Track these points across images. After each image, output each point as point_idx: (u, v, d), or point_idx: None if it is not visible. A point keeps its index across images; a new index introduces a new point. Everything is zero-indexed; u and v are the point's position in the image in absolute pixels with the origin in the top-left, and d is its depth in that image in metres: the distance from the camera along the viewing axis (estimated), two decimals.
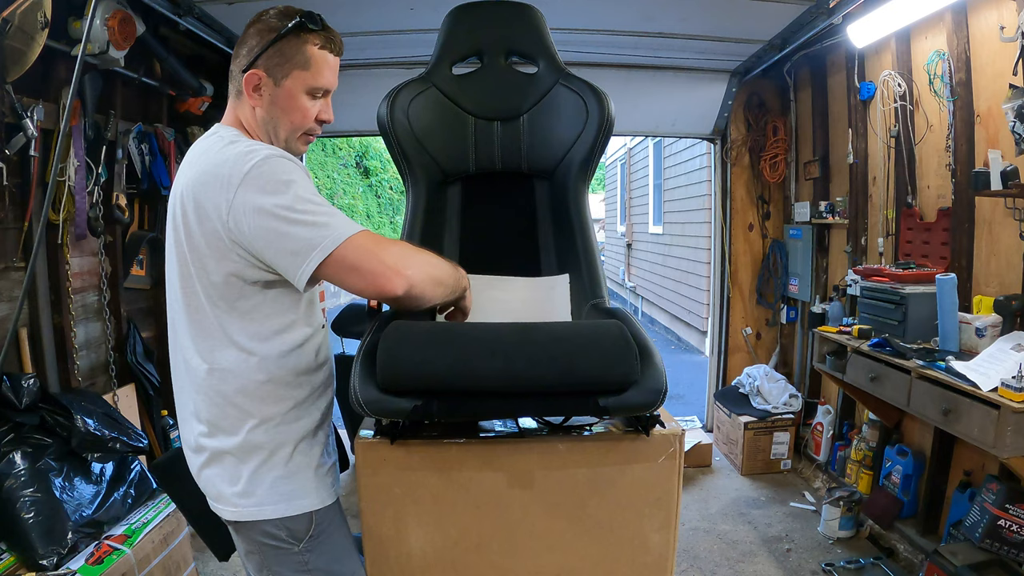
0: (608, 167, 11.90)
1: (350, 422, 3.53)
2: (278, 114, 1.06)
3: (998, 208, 2.24)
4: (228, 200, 0.93)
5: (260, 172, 0.94)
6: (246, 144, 0.99)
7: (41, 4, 1.89)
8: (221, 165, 0.95)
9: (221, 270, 0.98)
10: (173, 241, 1.04)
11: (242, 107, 1.07)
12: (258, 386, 1.03)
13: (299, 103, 1.05)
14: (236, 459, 1.03)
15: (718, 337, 4.07)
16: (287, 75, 1.03)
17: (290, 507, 1.05)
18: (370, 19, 2.83)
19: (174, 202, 1.03)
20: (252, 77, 1.03)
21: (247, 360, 1.02)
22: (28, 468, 1.85)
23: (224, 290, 0.99)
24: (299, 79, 1.04)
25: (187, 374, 1.05)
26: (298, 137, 1.09)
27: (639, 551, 1.10)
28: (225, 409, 1.03)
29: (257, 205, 0.92)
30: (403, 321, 1.03)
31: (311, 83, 1.05)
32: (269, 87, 1.04)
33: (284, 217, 0.92)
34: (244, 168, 0.94)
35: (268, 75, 1.03)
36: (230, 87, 1.09)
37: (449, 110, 1.50)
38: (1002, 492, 1.97)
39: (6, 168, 2.02)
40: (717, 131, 3.86)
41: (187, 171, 1.01)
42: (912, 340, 2.30)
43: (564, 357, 0.97)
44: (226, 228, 0.94)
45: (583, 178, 1.51)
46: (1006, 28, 2.10)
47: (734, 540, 2.75)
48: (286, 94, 1.04)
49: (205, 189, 0.96)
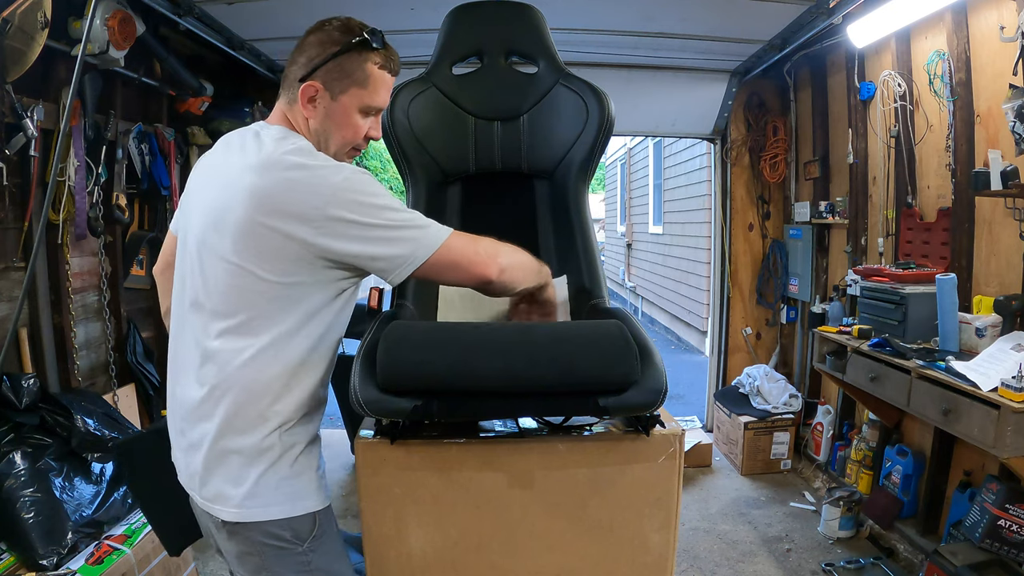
0: (608, 167, 11.90)
1: (350, 422, 3.53)
2: (331, 128, 1.05)
3: (998, 208, 2.24)
4: (322, 214, 0.93)
5: (351, 187, 0.95)
6: (326, 159, 0.99)
7: (41, 4, 1.89)
8: (312, 179, 0.95)
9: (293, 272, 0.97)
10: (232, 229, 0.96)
11: (294, 114, 1.06)
12: (291, 387, 1.02)
13: (352, 120, 1.06)
14: (245, 460, 1.01)
15: (718, 337, 4.07)
16: (345, 91, 1.03)
17: (296, 507, 1.03)
18: (370, 19, 2.76)
19: (231, 197, 0.96)
20: (309, 88, 1.02)
21: (295, 364, 1.01)
22: (28, 468, 1.85)
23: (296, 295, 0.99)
24: (356, 96, 1.04)
25: (206, 363, 1.00)
26: (346, 152, 1.09)
27: (639, 551, 1.09)
28: (247, 407, 1.00)
29: (352, 220, 0.94)
30: (403, 321, 1.04)
31: (367, 101, 1.05)
32: (325, 100, 1.03)
33: (381, 226, 0.95)
34: (335, 182, 0.94)
35: (326, 88, 1.03)
36: (282, 92, 1.08)
37: (449, 110, 1.50)
38: (1002, 492, 1.97)
39: (6, 168, 2.03)
40: (717, 131, 3.86)
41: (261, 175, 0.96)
42: (912, 340, 2.30)
43: (564, 357, 0.97)
44: (316, 240, 0.94)
45: (583, 178, 1.51)
46: (1006, 28, 2.10)
47: (734, 540, 2.75)
48: (342, 109, 1.04)
49: (290, 196, 0.94)
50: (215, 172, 1.05)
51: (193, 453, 1.04)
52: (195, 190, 1.09)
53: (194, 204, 1.06)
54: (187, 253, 1.05)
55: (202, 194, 1.05)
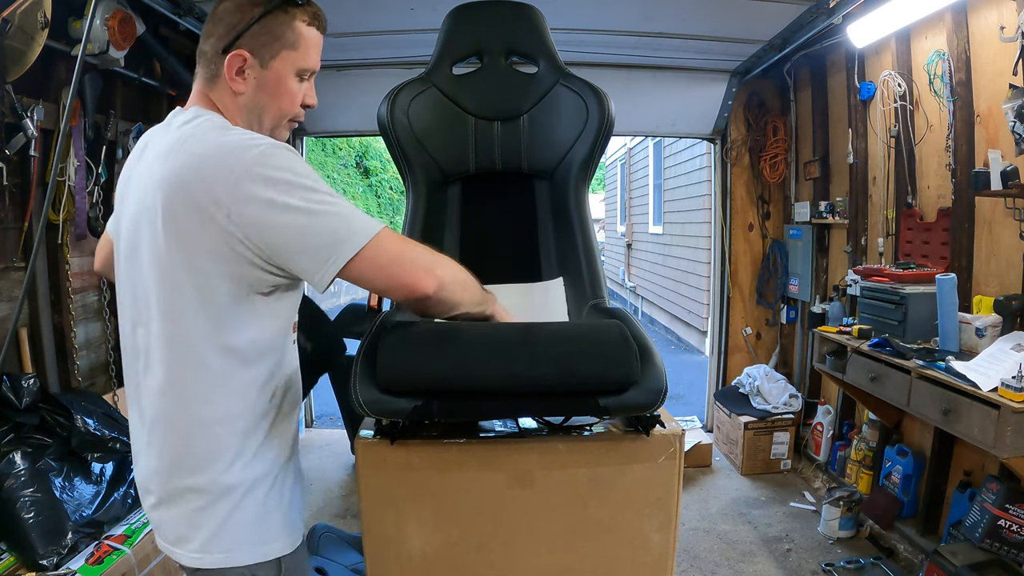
0: (608, 167, 11.90)
1: (350, 422, 3.54)
2: (265, 100, 0.94)
3: (998, 208, 2.24)
4: (231, 193, 0.82)
5: (267, 163, 0.83)
6: (242, 132, 0.88)
7: (41, 4, 1.89)
8: (219, 154, 0.84)
9: (217, 273, 0.86)
10: (148, 243, 0.88)
11: (219, 93, 0.94)
12: (240, 413, 0.91)
13: (288, 86, 0.95)
14: (204, 499, 0.90)
15: (718, 337, 4.07)
16: (275, 55, 0.92)
17: (259, 553, 0.94)
18: (370, 19, 2.83)
19: (145, 196, 0.88)
20: (236, 59, 0.91)
21: (235, 380, 0.90)
22: (28, 468, 1.85)
23: (218, 297, 0.87)
24: (288, 60, 0.93)
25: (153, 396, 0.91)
26: (284, 125, 0.99)
27: (639, 551, 1.09)
28: (197, 441, 0.90)
29: (268, 199, 0.82)
30: (403, 321, 1.03)
31: (301, 64, 0.95)
32: (255, 69, 0.92)
33: (301, 209, 0.83)
34: (248, 157, 0.83)
35: (254, 56, 0.91)
36: (199, 70, 0.95)
37: (449, 110, 1.50)
38: (1002, 492, 1.97)
39: (6, 168, 2.02)
40: (717, 131, 3.86)
41: (167, 160, 0.86)
42: (912, 340, 2.30)
43: (564, 357, 0.97)
44: (229, 225, 0.83)
45: (583, 178, 1.51)
46: (1006, 28, 2.10)
47: (734, 540, 2.75)
48: (275, 77, 0.93)
49: (200, 180, 0.83)
50: (131, 177, 0.96)
51: (147, 496, 0.95)
52: (119, 201, 0.99)
53: (121, 217, 0.97)
54: (119, 268, 0.97)
55: (123, 205, 0.96)
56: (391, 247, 0.88)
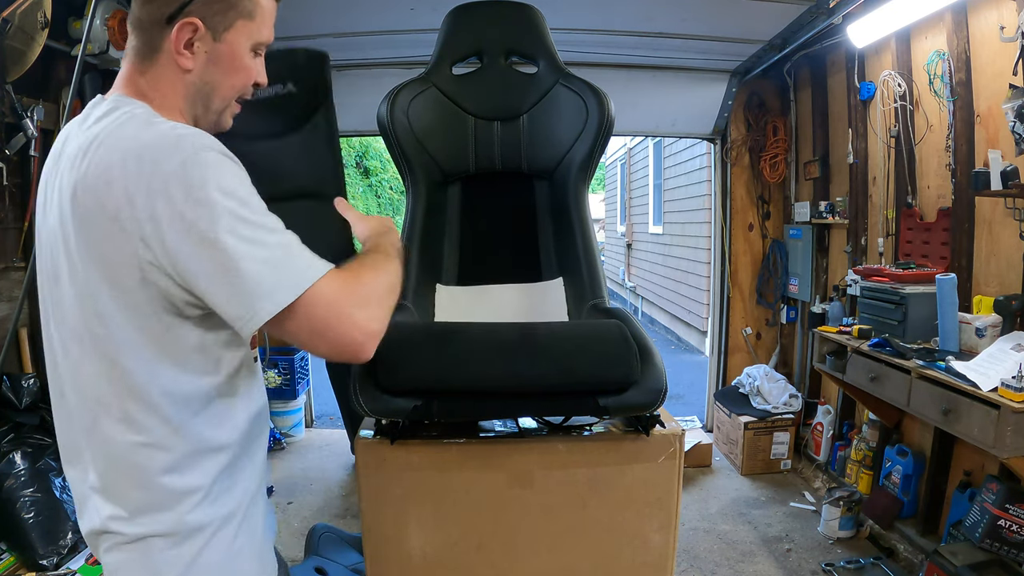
0: (608, 167, 11.90)
1: (350, 422, 3.54)
2: (217, 76, 0.82)
3: (998, 208, 2.24)
4: (147, 209, 0.69)
5: (191, 177, 0.69)
6: (165, 129, 0.73)
7: (41, 4, 1.89)
8: (135, 159, 0.70)
9: (144, 299, 0.73)
10: (65, 261, 0.76)
11: (158, 70, 0.80)
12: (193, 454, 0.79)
13: (244, 61, 0.83)
14: (168, 541, 0.79)
15: (718, 337, 4.07)
16: (230, 26, 0.80)
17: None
18: (370, 19, 2.83)
19: (62, 205, 0.75)
20: (185, 28, 0.78)
21: (188, 416, 0.78)
22: (28, 468, 1.85)
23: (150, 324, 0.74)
24: (244, 31, 0.82)
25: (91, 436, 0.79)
26: (232, 107, 0.88)
27: (639, 551, 1.10)
28: (155, 485, 0.78)
29: (188, 223, 0.68)
30: (403, 321, 1.03)
31: (256, 36, 0.84)
32: (206, 42, 0.80)
33: (224, 246, 0.69)
34: (170, 166, 0.69)
35: (207, 26, 0.79)
36: (131, 45, 0.81)
37: (449, 110, 1.50)
38: (1002, 492, 1.97)
39: (6, 168, 2.03)
40: (717, 131, 3.86)
41: (77, 165, 0.73)
42: (912, 340, 2.30)
43: (564, 357, 0.97)
44: (141, 248, 0.70)
45: (583, 178, 1.51)
46: (1006, 28, 2.10)
47: (734, 540, 2.75)
48: (229, 51, 0.81)
49: (111, 190, 0.70)
50: (48, 182, 0.81)
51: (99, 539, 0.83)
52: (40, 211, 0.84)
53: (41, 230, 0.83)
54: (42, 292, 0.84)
55: (44, 216, 0.82)
56: (330, 304, 0.73)
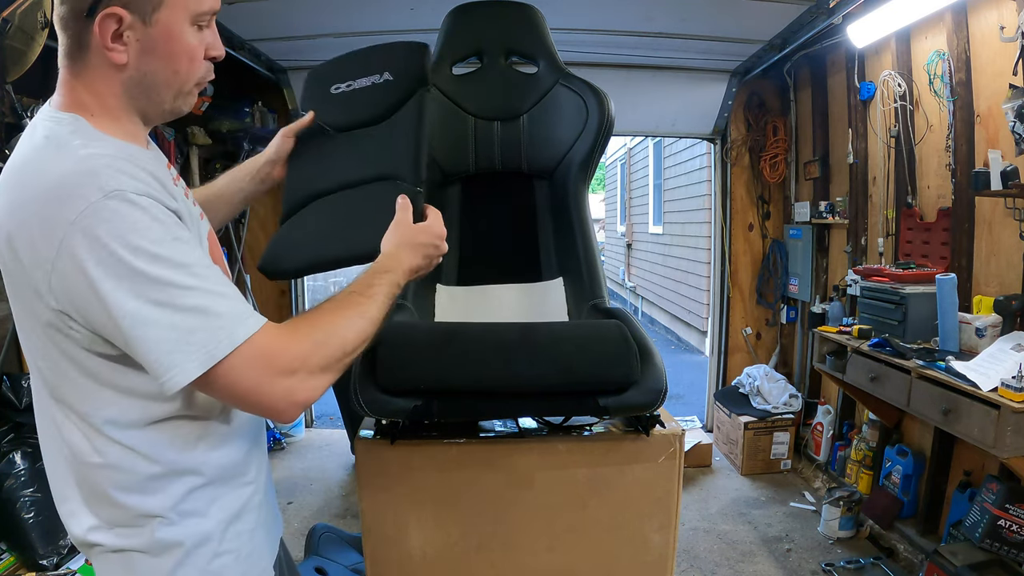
0: (608, 167, 11.90)
1: (350, 422, 3.54)
2: (156, 67, 0.73)
3: (998, 208, 2.24)
4: (52, 255, 0.64)
5: (93, 227, 0.63)
6: (78, 157, 0.66)
7: (41, 4, 1.89)
8: (40, 196, 0.65)
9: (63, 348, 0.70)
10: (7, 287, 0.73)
11: (90, 72, 0.72)
12: (157, 476, 0.75)
13: (184, 42, 0.74)
14: (145, 556, 0.76)
15: (718, 337, 4.07)
16: (159, 4, 0.71)
17: None
18: (370, 19, 2.83)
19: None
20: (108, 20, 0.68)
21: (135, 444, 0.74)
22: (28, 468, 1.85)
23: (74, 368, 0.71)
24: (177, 6, 0.72)
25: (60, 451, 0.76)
26: (188, 92, 0.79)
27: (639, 551, 1.10)
28: (118, 509, 0.75)
29: (91, 282, 0.63)
30: (404, 321, 1.03)
31: (195, 8, 0.74)
32: (136, 30, 0.70)
33: (129, 312, 0.64)
34: (72, 212, 0.63)
35: (131, 11, 0.69)
36: (60, 47, 0.73)
37: (449, 110, 1.50)
38: (1002, 492, 1.97)
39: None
40: (717, 131, 3.86)
41: (2, 195, 0.69)
42: (912, 340, 2.30)
43: (564, 357, 0.97)
44: (51, 294, 0.66)
45: (583, 178, 1.51)
46: (1006, 28, 2.10)
47: (734, 540, 2.75)
48: (164, 33, 0.72)
49: (23, 230, 0.66)
50: None
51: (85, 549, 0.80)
52: None
53: None
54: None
55: None
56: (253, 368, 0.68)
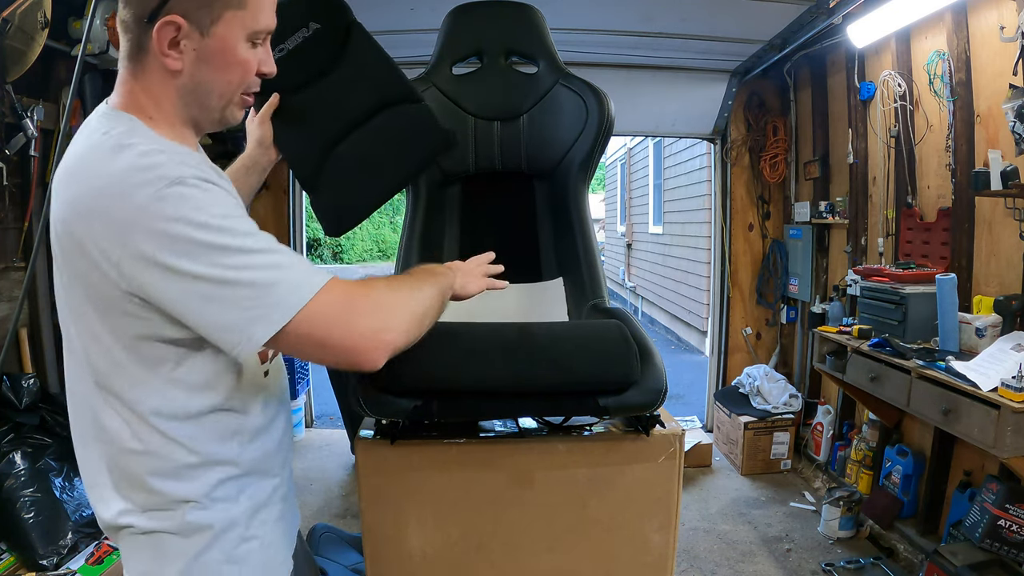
0: (608, 167, 11.90)
1: (350, 422, 3.54)
2: (209, 76, 0.77)
3: (998, 208, 2.24)
4: (120, 248, 0.67)
5: (162, 211, 0.66)
6: (137, 152, 0.70)
7: (41, 4, 1.89)
8: (105, 192, 0.68)
9: (119, 335, 0.73)
10: (58, 277, 0.77)
11: (148, 75, 0.76)
12: (194, 466, 0.79)
13: (239, 55, 0.77)
14: (174, 537, 0.79)
15: (718, 337, 4.07)
16: (218, 18, 0.74)
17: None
18: (370, 19, 2.79)
19: (54, 223, 0.74)
20: (167, 28, 0.72)
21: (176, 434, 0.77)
22: (28, 468, 1.85)
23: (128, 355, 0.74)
24: (234, 22, 0.76)
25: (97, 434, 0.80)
26: (237, 103, 0.82)
27: (639, 551, 1.09)
28: (151, 495, 0.78)
29: (164, 264, 0.67)
30: None
31: (251, 25, 0.77)
32: (194, 39, 0.74)
33: (207, 278, 0.67)
34: (138, 200, 0.66)
35: (190, 21, 0.73)
36: (122, 46, 0.77)
37: (449, 110, 1.50)
38: (1002, 492, 1.97)
39: (6, 168, 2.03)
40: (717, 131, 3.86)
41: (62, 189, 0.72)
42: (912, 340, 2.30)
43: (564, 357, 0.97)
44: (122, 278, 0.69)
45: (583, 178, 1.51)
46: (1006, 28, 2.10)
47: (734, 540, 2.75)
48: (220, 45, 0.76)
49: (86, 224, 0.69)
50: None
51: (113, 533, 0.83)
52: None
53: None
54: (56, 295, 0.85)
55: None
56: (327, 316, 0.72)
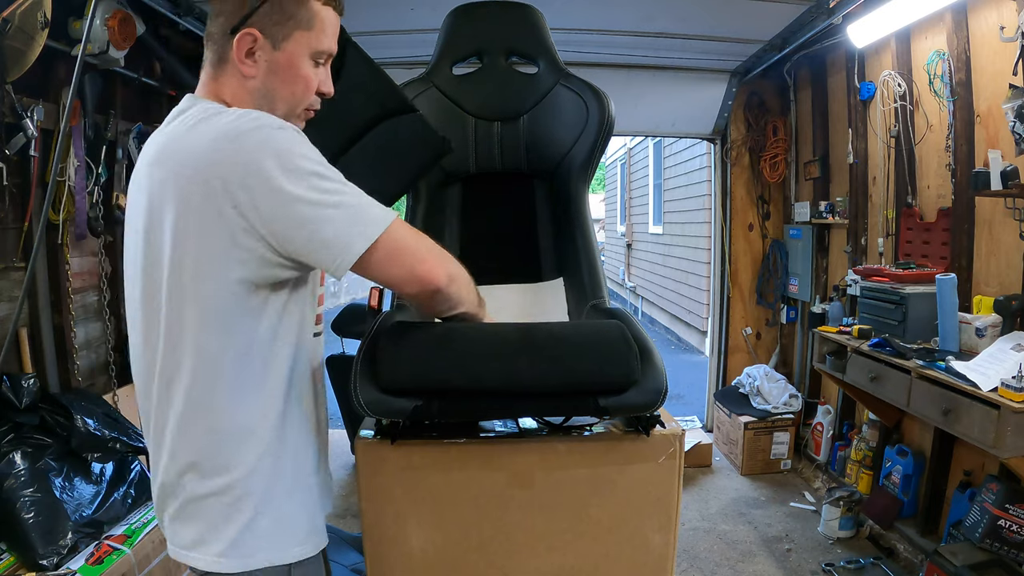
0: (608, 167, 11.90)
1: (350, 422, 3.53)
2: (277, 85, 0.89)
3: (998, 208, 2.24)
4: (237, 184, 0.78)
5: (273, 147, 0.79)
6: (238, 113, 0.82)
7: (41, 4, 1.88)
8: (217, 143, 0.79)
9: (225, 273, 0.82)
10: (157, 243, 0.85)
11: (227, 78, 0.89)
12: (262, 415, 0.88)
13: (303, 70, 0.90)
14: (228, 502, 0.87)
15: (718, 337, 4.07)
16: (288, 36, 0.87)
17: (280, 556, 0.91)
18: (370, 19, 2.83)
19: (150, 196, 0.84)
20: (245, 39, 0.86)
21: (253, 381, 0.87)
22: (28, 468, 1.85)
23: (229, 296, 0.83)
24: (302, 41, 0.89)
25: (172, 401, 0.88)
26: (298, 114, 0.93)
27: (639, 551, 1.09)
28: (221, 445, 0.87)
29: (277, 188, 0.78)
30: (403, 321, 1.03)
31: (316, 45, 0.90)
32: (266, 51, 0.87)
33: (313, 201, 0.79)
34: (252, 142, 0.79)
35: (265, 36, 0.86)
36: (206, 55, 0.91)
37: (449, 110, 1.50)
38: (1002, 492, 1.97)
39: (6, 168, 2.02)
40: (717, 131, 3.86)
41: (163, 159, 0.83)
42: (912, 340, 2.30)
43: (564, 357, 0.97)
44: (237, 218, 0.79)
45: (583, 178, 1.51)
46: (1006, 28, 2.10)
47: (734, 540, 2.75)
48: (287, 60, 0.88)
49: (200, 174, 0.79)
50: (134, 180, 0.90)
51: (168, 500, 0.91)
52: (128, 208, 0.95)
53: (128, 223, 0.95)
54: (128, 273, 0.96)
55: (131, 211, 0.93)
56: (404, 238, 0.86)
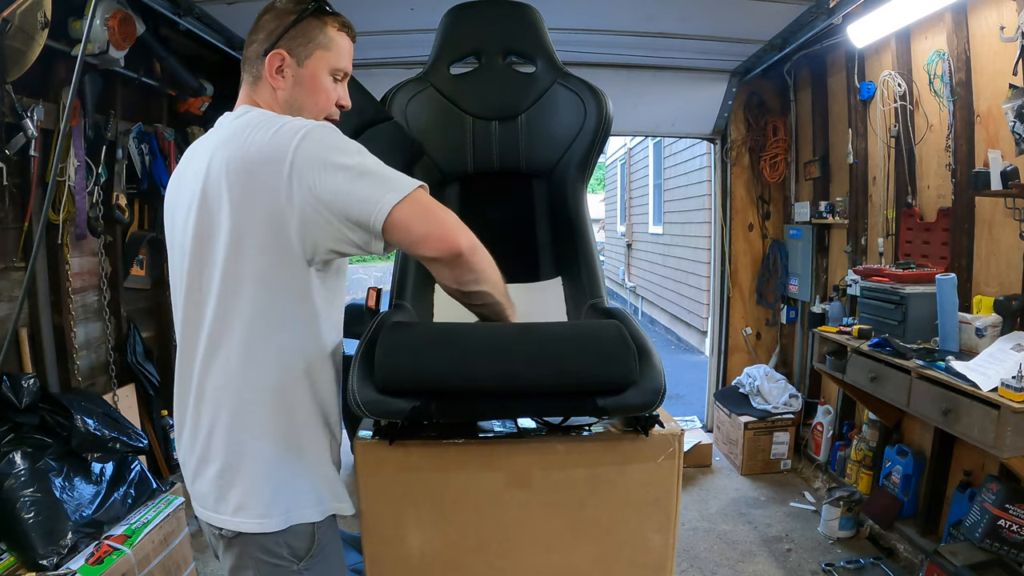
0: (608, 167, 11.90)
1: (349, 423, 3.54)
2: (302, 96, 1.06)
3: (998, 208, 2.24)
4: (294, 162, 0.90)
5: (322, 136, 0.93)
6: (292, 119, 0.98)
7: (41, 4, 1.88)
8: (279, 137, 0.93)
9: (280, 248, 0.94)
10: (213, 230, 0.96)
11: (261, 92, 1.06)
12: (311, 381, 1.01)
13: (323, 84, 1.07)
14: (271, 463, 0.98)
15: (718, 337, 4.07)
16: (310, 55, 1.04)
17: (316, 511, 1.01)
18: (370, 19, 2.83)
19: (207, 188, 0.95)
20: (275, 58, 1.03)
21: (300, 350, 1.00)
22: (28, 468, 1.85)
23: (283, 270, 0.96)
24: (322, 60, 1.05)
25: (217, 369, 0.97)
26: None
27: (639, 551, 1.09)
28: (264, 409, 0.98)
29: (326, 160, 0.91)
30: (402, 321, 1.03)
31: (333, 64, 1.07)
32: (292, 67, 1.04)
33: (356, 167, 0.92)
34: (304, 131, 0.93)
35: (291, 55, 1.04)
36: (244, 74, 1.08)
37: (447, 110, 1.50)
38: (1002, 492, 1.97)
39: (6, 168, 2.02)
40: (717, 131, 3.86)
41: (228, 150, 0.95)
42: (912, 340, 2.30)
43: (563, 357, 0.97)
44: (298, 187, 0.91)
45: (581, 177, 1.51)
46: (1006, 28, 2.10)
47: (734, 540, 2.75)
48: (310, 75, 1.05)
49: (264, 161, 0.92)
50: (180, 184, 1.04)
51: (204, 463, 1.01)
52: (169, 212, 1.08)
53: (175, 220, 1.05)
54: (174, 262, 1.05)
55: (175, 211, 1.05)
56: (431, 202, 0.96)
